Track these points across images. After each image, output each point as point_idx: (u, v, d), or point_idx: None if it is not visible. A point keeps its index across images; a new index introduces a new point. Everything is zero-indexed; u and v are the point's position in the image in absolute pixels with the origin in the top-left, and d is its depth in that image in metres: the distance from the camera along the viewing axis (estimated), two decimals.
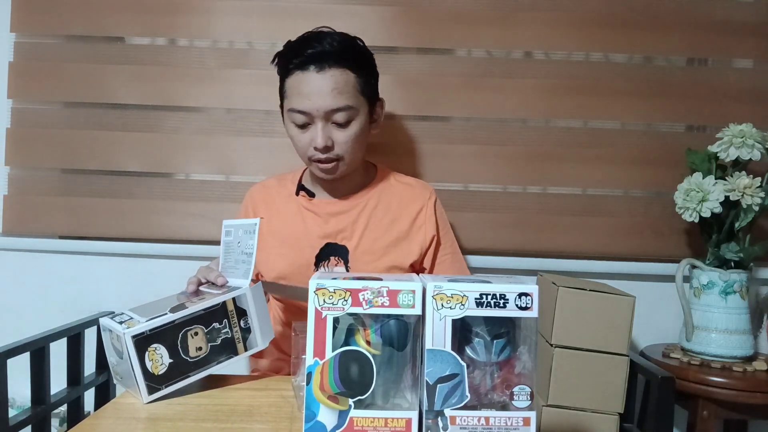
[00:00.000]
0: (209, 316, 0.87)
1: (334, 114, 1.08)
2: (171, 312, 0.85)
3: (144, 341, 0.82)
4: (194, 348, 0.86)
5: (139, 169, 1.51)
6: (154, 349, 0.83)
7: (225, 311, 0.89)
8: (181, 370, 0.85)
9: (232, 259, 0.98)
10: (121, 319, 0.85)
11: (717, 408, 1.26)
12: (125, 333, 0.80)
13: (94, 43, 1.51)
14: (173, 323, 0.84)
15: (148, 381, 0.82)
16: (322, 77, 1.06)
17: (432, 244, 1.20)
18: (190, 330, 0.86)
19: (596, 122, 1.53)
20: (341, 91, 1.07)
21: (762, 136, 1.31)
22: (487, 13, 1.50)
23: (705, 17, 1.51)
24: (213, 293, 0.92)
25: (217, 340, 0.88)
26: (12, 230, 1.51)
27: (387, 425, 0.65)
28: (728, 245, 1.32)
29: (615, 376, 1.07)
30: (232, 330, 0.90)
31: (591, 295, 1.08)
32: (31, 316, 1.48)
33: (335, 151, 1.10)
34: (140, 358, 0.81)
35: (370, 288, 0.65)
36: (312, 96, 1.06)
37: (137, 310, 0.88)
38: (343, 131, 1.10)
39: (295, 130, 1.12)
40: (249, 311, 0.91)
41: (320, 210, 1.19)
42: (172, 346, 0.84)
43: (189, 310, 0.86)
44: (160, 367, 0.83)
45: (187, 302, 0.89)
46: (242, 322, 0.91)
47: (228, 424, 0.76)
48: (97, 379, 1.40)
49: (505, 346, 0.65)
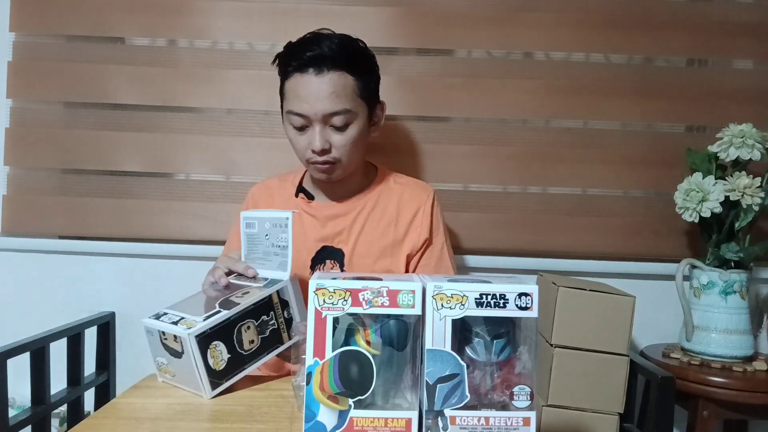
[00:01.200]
0: (258, 310, 0.90)
1: (332, 117, 1.07)
2: (224, 309, 0.87)
3: (206, 340, 0.84)
4: (248, 341, 0.89)
5: (139, 169, 1.51)
6: (215, 346, 0.85)
7: (271, 304, 0.93)
8: (238, 364, 0.88)
9: (260, 251, 0.99)
10: (171, 319, 0.87)
11: (717, 408, 1.26)
12: (189, 334, 0.82)
13: (94, 43, 1.51)
14: (229, 320, 0.87)
15: (211, 377, 0.85)
16: (320, 80, 1.06)
17: (422, 247, 1.19)
18: (243, 324, 0.88)
19: (596, 122, 1.53)
20: (339, 94, 1.06)
21: (762, 136, 1.31)
22: (487, 13, 1.50)
23: (705, 18, 1.51)
24: (250, 286, 0.94)
25: (266, 331, 0.92)
26: (12, 230, 1.51)
27: (387, 425, 0.65)
28: (728, 245, 1.32)
29: (615, 376, 1.07)
30: (278, 321, 0.93)
31: (591, 295, 1.08)
32: (31, 316, 1.48)
33: (332, 154, 1.10)
34: (203, 357, 0.83)
35: (370, 288, 0.65)
36: (310, 99, 1.06)
37: (180, 309, 0.90)
38: (340, 134, 1.09)
39: (294, 132, 1.11)
40: (290, 302, 0.95)
41: (318, 213, 1.19)
42: (229, 341, 0.87)
43: (241, 306, 0.88)
44: (220, 362, 0.86)
45: (232, 297, 0.91)
46: (285, 312, 0.95)
47: (228, 424, 0.76)
48: (97, 379, 1.40)
49: (505, 346, 0.65)
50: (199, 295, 0.97)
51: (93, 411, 1.39)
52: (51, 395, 1.21)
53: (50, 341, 1.20)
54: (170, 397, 0.87)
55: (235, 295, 0.91)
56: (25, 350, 1.13)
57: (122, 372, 1.50)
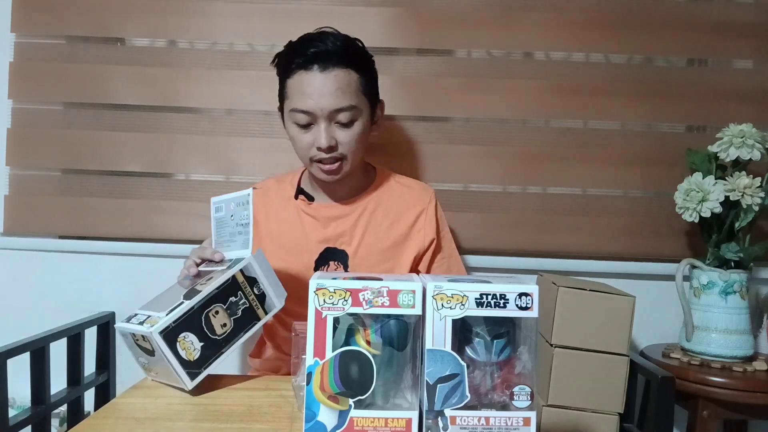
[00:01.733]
0: (224, 293, 0.90)
1: (338, 114, 1.07)
2: (187, 299, 0.86)
3: (171, 334, 0.84)
4: (219, 326, 0.88)
5: (139, 169, 1.51)
6: (184, 338, 0.85)
7: (237, 284, 0.91)
8: (213, 350, 0.88)
9: (226, 233, 0.99)
10: (139, 320, 0.87)
11: (717, 408, 1.26)
12: (152, 331, 0.82)
13: (94, 44, 1.52)
14: (193, 309, 0.86)
15: (186, 369, 0.85)
16: (326, 77, 1.05)
17: (430, 248, 1.19)
18: (210, 310, 0.88)
19: (596, 122, 1.53)
20: (345, 90, 1.06)
21: (762, 136, 1.31)
22: (487, 13, 1.50)
23: (705, 17, 1.51)
24: (215, 270, 0.94)
25: (238, 312, 0.91)
26: (12, 230, 1.52)
27: (387, 425, 0.65)
28: (728, 245, 1.32)
29: (615, 376, 1.07)
30: (248, 299, 0.92)
31: (591, 295, 1.08)
32: (31, 316, 1.47)
33: (339, 151, 1.09)
34: (173, 351, 0.83)
35: (370, 288, 0.65)
36: (315, 95, 1.05)
37: (149, 307, 0.90)
38: (346, 131, 1.09)
39: (297, 131, 1.10)
40: (259, 278, 0.94)
41: (319, 214, 1.18)
42: (198, 330, 0.86)
43: (204, 293, 0.87)
44: (193, 353, 0.85)
45: (197, 286, 0.91)
46: (255, 289, 0.93)
47: (228, 424, 0.76)
48: (97, 379, 1.40)
49: (505, 346, 0.65)
50: (170, 290, 0.97)
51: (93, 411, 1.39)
52: (51, 395, 1.21)
53: (50, 341, 1.20)
54: (170, 397, 0.87)
55: (200, 283, 0.91)
56: (25, 350, 1.13)
57: (122, 372, 1.49)
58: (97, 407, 1.36)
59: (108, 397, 1.43)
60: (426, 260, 1.20)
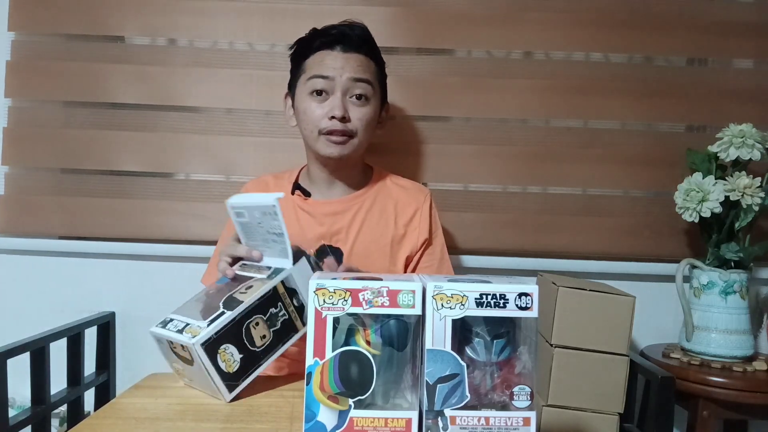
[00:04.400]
0: (265, 304, 0.87)
1: (356, 84, 1.11)
2: (228, 309, 0.84)
3: (213, 345, 0.81)
4: (259, 337, 0.86)
5: (138, 169, 1.51)
6: (224, 350, 0.83)
7: (277, 295, 0.89)
8: (252, 361, 0.86)
9: (258, 238, 0.95)
10: (177, 326, 0.84)
11: (717, 408, 1.26)
12: (193, 343, 0.79)
13: (93, 42, 1.51)
14: (234, 320, 0.84)
15: (225, 381, 0.83)
16: (347, 57, 1.12)
17: (422, 248, 1.20)
18: (251, 322, 0.86)
19: (596, 122, 1.53)
20: (365, 68, 1.13)
21: (762, 136, 1.31)
22: (487, 13, 1.50)
23: (705, 17, 1.51)
24: (255, 278, 0.91)
25: (277, 324, 0.89)
26: (10, 231, 1.51)
27: (387, 425, 0.65)
28: (728, 245, 1.32)
29: (615, 376, 1.07)
30: (288, 311, 0.90)
31: (591, 295, 1.08)
32: (31, 316, 1.47)
33: (349, 125, 1.12)
34: (214, 363, 0.81)
35: (370, 288, 0.65)
36: (337, 66, 1.11)
37: (185, 313, 0.87)
38: (359, 108, 1.12)
39: (310, 102, 1.12)
40: (298, 289, 0.91)
41: (315, 210, 1.18)
42: (238, 341, 0.84)
43: (246, 304, 0.85)
44: (233, 365, 0.84)
45: (236, 293, 0.88)
46: (294, 300, 0.91)
47: (228, 424, 0.76)
48: (97, 379, 1.40)
49: (505, 346, 0.65)
50: (206, 294, 0.94)
51: (93, 411, 1.39)
52: (51, 395, 1.21)
53: (50, 341, 1.20)
54: (170, 397, 0.86)
55: (239, 291, 0.88)
56: (25, 350, 1.13)
57: (122, 372, 1.50)
58: (97, 407, 1.37)
59: (108, 397, 1.43)
60: (416, 258, 1.20)
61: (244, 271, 0.95)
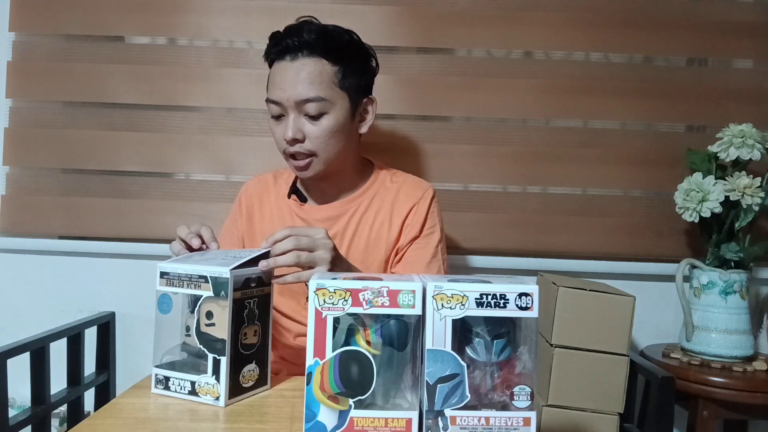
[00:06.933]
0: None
1: (305, 105, 1.04)
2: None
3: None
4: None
5: (138, 169, 1.51)
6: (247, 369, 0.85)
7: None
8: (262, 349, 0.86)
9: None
10: (180, 386, 0.83)
11: (717, 408, 1.26)
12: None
13: (93, 43, 1.51)
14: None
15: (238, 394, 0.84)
16: (295, 66, 1.04)
17: (409, 244, 1.14)
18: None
19: (596, 122, 1.53)
20: (313, 81, 1.04)
21: (762, 136, 1.31)
22: (487, 13, 1.50)
23: (705, 17, 1.51)
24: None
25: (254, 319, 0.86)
26: (11, 230, 1.51)
27: (387, 425, 0.65)
28: (728, 245, 1.32)
29: (615, 376, 1.07)
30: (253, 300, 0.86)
31: (591, 295, 1.08)
32: (31, 316, 1.48)
33: (306, 145, 1.06)
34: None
35: (370, 288, 0.65)
36: (284, 85, 1.05)
37: (181, 369, 0.85)
38: (315, 124, 1.06)
39: (272, 123, 1.10)
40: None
41: (310, 216, 1.15)
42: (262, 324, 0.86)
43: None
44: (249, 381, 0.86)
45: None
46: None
47: (228, 424, 0.76)
48: (97, 379, 1.41)
49: (505, 346, 0.65)
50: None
51: (93, 411, 1.39)
52: (51, 395, 1.21)
53: (50, 341, 1.20)
54: (170, 397, 0.86)
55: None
56: (25, 350, 1.13)
57: (122, 372, 1.50)
58: (97, 407, 1.37)
59: (108, 397, 1.43)
60: (402, 253, 1.14)
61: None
